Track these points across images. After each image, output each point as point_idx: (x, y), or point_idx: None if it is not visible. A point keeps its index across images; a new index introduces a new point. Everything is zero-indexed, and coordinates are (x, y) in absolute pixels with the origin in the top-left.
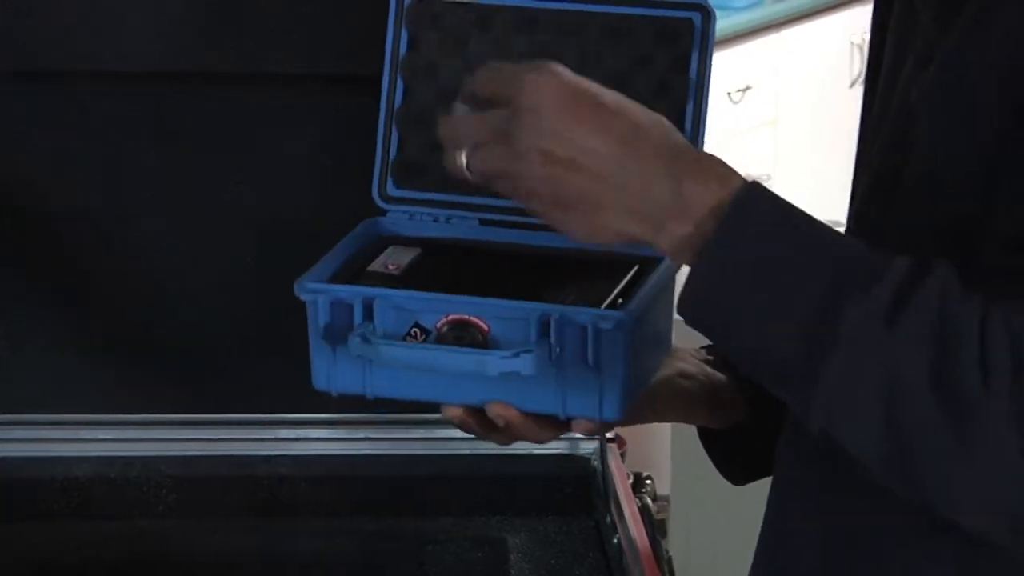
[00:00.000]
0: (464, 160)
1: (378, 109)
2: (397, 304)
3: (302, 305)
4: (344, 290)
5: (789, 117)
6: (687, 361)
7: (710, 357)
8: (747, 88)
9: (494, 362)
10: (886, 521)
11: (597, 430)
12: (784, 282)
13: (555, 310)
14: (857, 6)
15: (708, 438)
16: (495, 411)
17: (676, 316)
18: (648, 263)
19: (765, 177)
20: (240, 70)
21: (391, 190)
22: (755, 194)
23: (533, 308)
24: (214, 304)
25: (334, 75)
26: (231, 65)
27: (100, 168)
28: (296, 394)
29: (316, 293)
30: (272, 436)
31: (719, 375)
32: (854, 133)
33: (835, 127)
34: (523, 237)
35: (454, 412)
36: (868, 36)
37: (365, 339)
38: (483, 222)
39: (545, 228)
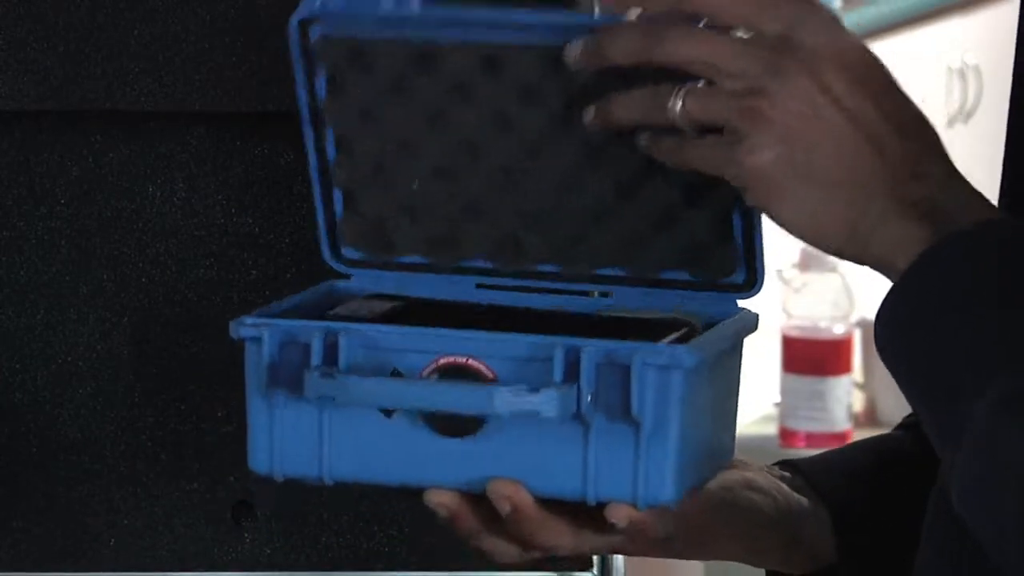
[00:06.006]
0: (679, 104)
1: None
2: (370, 342)
3: (208, 420)
4: (299, 325)
5: None
6: (757, 473)
7: (786, 474)
8: None
9: (504, 398)
10: None
11: (638, 525)
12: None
13: (588, 344)
14: (956, 16)
15: None
16: (501, 490)
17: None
18: (695, 332)
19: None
20: (126, 108)
21: (348, 252)
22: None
23: (556, 342)
24: (87, 422)
25: (252, 113)
26: (107, 103)
27: None
28: (196, 547)
29: (260, 327)
30: None
31: (800, 498)
32: None
33: None
34: (533, 303)
35: (442, 498)
36: (970, 59)
37: (326, 374)
38: (480, 285)
39: (568, 292)
